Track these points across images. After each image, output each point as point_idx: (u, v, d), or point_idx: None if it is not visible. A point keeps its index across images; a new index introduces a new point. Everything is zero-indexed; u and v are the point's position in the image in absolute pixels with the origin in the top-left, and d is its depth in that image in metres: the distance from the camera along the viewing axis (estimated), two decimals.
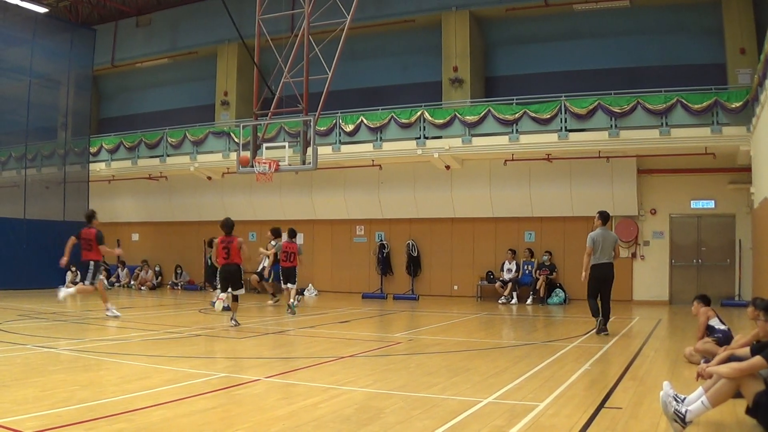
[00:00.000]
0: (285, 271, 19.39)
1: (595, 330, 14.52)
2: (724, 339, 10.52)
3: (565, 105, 22.70)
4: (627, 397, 8.08)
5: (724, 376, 6.53)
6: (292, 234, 19.45)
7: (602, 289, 14.62)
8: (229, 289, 15.99)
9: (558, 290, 23.62)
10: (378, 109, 25.51)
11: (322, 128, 25.02)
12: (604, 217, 15.09)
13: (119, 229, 32.07)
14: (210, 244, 21.43)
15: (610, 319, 14.92)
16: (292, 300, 19.22)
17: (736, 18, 23.15)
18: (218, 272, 16.64)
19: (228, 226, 16.36)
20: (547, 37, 27.03)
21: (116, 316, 17.01)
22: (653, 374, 9.74)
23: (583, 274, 14.65)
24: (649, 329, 15.77)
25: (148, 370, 9.77)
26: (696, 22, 24.88)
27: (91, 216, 17.59)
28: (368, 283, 27.05)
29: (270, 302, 22.43)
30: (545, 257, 24.28)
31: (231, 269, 16.04)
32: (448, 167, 25.23)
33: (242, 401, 7.81)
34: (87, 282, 17.12)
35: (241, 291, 16.20)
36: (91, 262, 17.09)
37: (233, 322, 15.73)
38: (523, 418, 7.02)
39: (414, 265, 26.57)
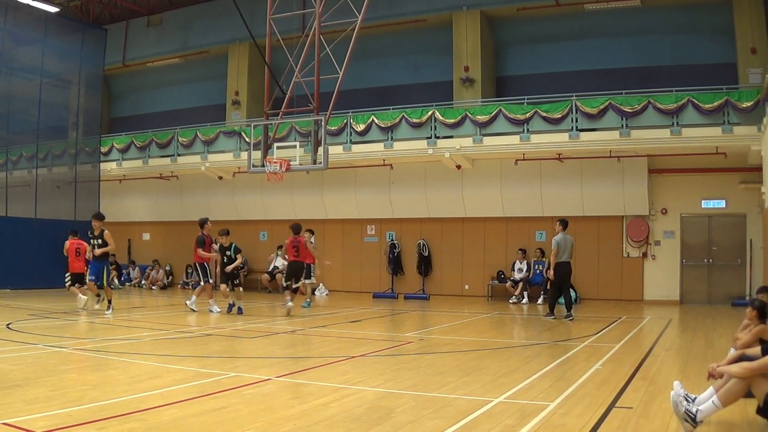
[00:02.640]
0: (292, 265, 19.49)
1: (564, 316, 17.53)
2: None
3: (576, 105, 22.66)
4: (638, 397, 8.06)
5: (734, 376, 6.51)
6: (297, 230, 19.38)
7: (564, 283, 17.95)
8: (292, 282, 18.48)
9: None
10: (389, 109, 25.51)
11: (333, 128, 25.03)
12: (565, 223, 18.31)
13: (130, 229, 32.19)
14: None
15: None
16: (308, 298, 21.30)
17: (747, 17, 23.06)
18: (286, 266, 19.13)
19: (296, 228, 18.90)
20: (558, 36, 26.99)
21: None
22: (664, 374, 9.72)
23: (551, 272, 17.88)
24: (660, 329, 15.72)
25: (159, 369, 9.79)
26: (707, 22, 24.80)
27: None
28: (379, 283, 27.05)
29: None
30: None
31: (298, 266, 18.69)
32: (459, 167, 25.21)
33: (253, 401, 7.82)
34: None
35: (303, 282, 19.21)
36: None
37: (289, 304, 18.10)
38: (534, 418, 7.01)
39: (425, 264, 26.56)
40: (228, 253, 18.85)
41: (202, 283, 18.95)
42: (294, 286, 18.46)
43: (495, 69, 28.15)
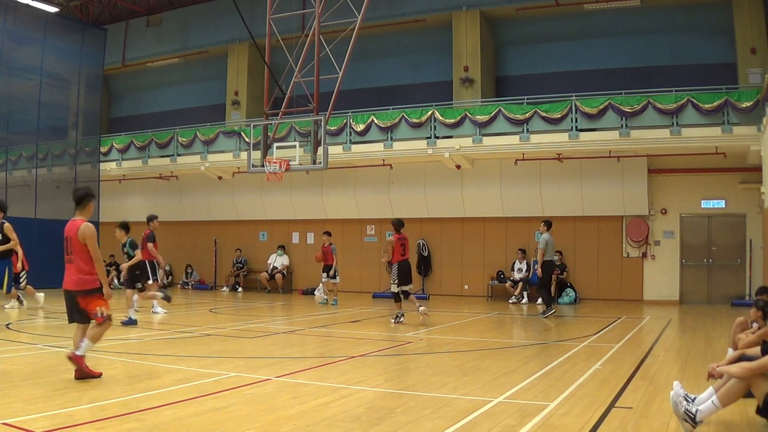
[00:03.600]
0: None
1: (551, 312, 18.39)
2: None
3: (575, 105, 22.66)
4: (637, 397, 8.07)
5: (734, 376, 6.51)
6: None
7: (550, 280, 19.43)
8: (406, 285, 16.79)
9: (568, 290, 23.59)
10: (389, 109, 25.51)
11: (332, 128, 25.03)
12: (549, 224, 18.90)
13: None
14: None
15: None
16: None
17: (746, 17, 23.06)
18: (396, 268, 16.65)
19: (400, 224, 17.01)
20: (557, 36, 27.00)
21: None
22: (664, 374, 9.73)
23: (539, 269, 18.67)
24: (660, 329, 15.73)
25: (159, 369, 9.80)
26: (706, 22, 24.80)
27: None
28: (379, 283, 27.04)
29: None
30: (555, 257, 24.24)
31: (408, 265, 16.92)
32: (458, 167, 25.21)
33: (253, 401, 7.83)
34: None
35: (411, 286, 17.02)
36: None
37: (401, 318, 16.66)
38: (534, 418, 7.02)
39: (424, 264, 26.55)
40: (125, 249, 17.11)
41: (150, 282, 17.82)
42: (405, 288, 16.70)
43: (495, 69, 28.15)
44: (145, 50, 33.76)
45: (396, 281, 16.63)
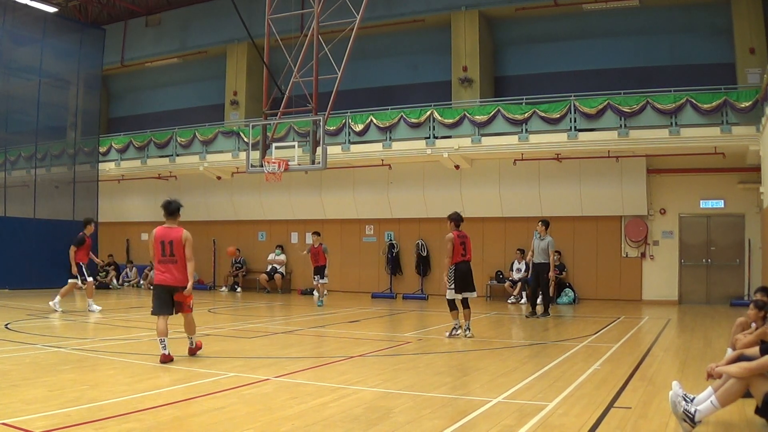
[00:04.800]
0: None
1: (535, 314, 18.39)
2: None
3: (574, 105, 22.67)
4: (636, 397, 8.07)
5: (733, 376, 6.51)
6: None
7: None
8: (463, 293, 13.84)
9: (567, 290, 23.59)
10: (387, 109, 25.51)
11: (331, 128, 25.03)
12: (548, 224, 19.00)
13: (128, 229, 32.17)
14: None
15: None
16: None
17: (745, 17, 23.08)
18: (453, 270, 13.69)
19: (461, 219, 14.16)
20: (556, 36, 27.00)
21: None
22: (662, 374, 9.73)
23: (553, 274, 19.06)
24: (659, 329, 15.73)
25: (158, 369, 9.79)
26: (705, 22, 24.82)
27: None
28: (378, 283, 27.04)
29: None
30: (554, 257, 24.25)
31: (467, 268, 13.91)
32: (457, 167, 25.21)
33: (251, 401, 7.82)
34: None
35: (474, 294, 14.02)
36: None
37: (458, 332, 13.94)
38: (533, 418, 7.01)
39: (423, 264, 26.53)
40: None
41: (83, 283, 18.56)
42: (467, 295, 13.82)
43: (493, 69, 28.16)
44: (144, 50, 33.77)
45: (452, 286, 13.73)
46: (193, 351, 10.98)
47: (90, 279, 18.74)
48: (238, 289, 28.31)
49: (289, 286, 28.55)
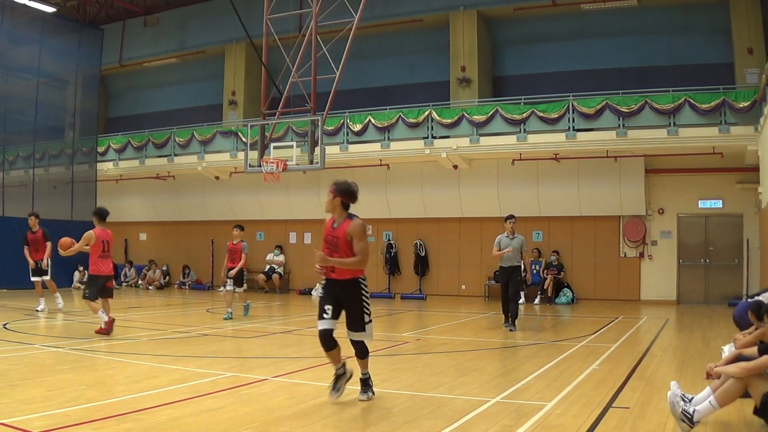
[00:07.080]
0: None
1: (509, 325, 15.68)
2: None
3: (572, 105, 22.67)
4: (635, 397, 8.07)
5: (731, 376, 6.51)
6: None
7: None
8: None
9: (566, 290, 23.61)
10: (386, 109, 25.50)
11: (329, 128, 25.01)
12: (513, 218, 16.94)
13: (127, 229, 32.11)
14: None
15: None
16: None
17: (743, 17, 23.09)
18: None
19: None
20: (554, 36, 27.00)
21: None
22: (661, 374, 9.73)
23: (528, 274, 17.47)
24: (657, 329, 15.74)
25: (156, 369, 9.78)
26: (704, 22, 24.83)
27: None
28: (376, 283, 27.01)
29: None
30: (553, 257, 24.29)
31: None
32: (455, 167, 25.21)
33: (250, 401, 7.82)
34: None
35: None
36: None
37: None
38: (531, 418, 7.01)
39: (422, 264, 26.54)
40: None
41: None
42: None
43: (492, 69, 28.16)
44: (142, 50, 33.75)
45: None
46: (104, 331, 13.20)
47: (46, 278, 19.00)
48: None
49: (288, 286, 28.53)
